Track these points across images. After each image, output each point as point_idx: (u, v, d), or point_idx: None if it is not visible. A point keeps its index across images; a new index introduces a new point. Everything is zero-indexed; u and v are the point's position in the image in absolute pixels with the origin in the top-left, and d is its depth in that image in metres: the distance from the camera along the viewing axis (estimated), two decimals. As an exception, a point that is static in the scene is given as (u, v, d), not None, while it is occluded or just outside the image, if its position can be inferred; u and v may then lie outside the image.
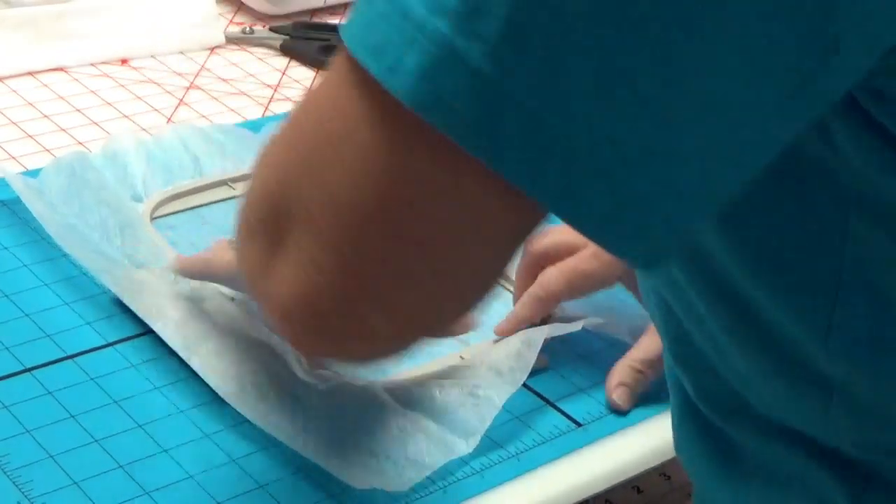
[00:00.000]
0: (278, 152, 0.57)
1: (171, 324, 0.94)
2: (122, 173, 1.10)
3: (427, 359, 0.93)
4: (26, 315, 0.98)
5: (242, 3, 1.51)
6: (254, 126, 1.23)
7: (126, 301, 0.97)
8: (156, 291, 0.97)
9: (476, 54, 0.49)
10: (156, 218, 1.08)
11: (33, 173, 1.11)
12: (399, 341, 0.58)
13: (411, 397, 0.89)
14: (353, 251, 0.53)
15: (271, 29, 1.45)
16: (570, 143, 0.50)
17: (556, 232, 0.99)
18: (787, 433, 0.66)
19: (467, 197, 0.52)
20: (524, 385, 0.91)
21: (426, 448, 0.85)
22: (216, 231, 1.08)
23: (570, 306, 1.00)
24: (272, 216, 0.56)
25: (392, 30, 0.50)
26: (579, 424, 0.93)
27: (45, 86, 1.31)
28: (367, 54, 0.51)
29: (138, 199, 1.09)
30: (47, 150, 1.19)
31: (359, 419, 0.87)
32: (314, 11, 1.52)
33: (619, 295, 0.99)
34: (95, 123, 1.25)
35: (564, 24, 0.48)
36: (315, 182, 0.54)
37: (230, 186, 1.14)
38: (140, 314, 0.96)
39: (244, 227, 0.59)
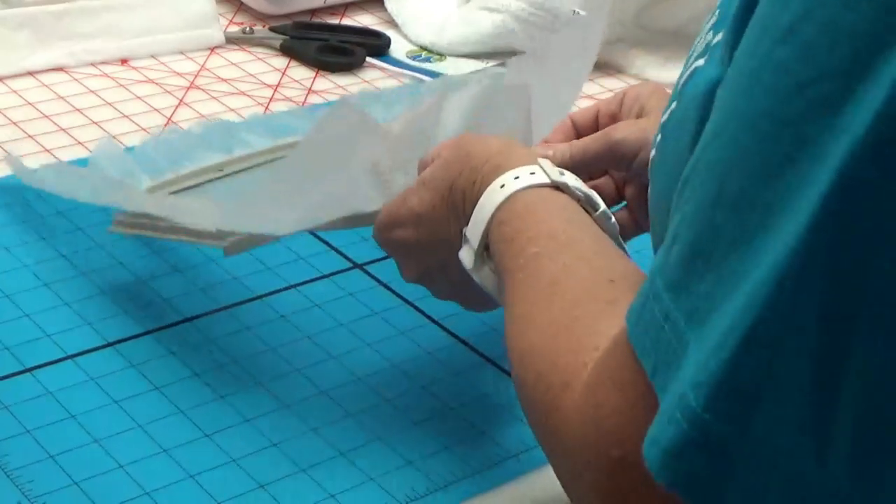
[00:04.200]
0: None
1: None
2: (119, 174, 1.10)
3: None
4: (26, 315, 0.98)
5: (242, 3, 1.51)
6: (254, 126, 1.22)
7: (139, 209, 0.98)
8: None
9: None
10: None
11: (33, 173, 1.11)
12: None
13: None
14: None
15: (271, 29, 1.45)
16: None
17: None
18: None
19: None
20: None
21: None
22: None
23: None
24: None
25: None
26: (579, 424, 0.93)
27: (45, 86, 1.31)
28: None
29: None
30: (47, 151, 1.19)
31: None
32: (314, 11, 1.52)
33: None
34: (95, 123, 1.25)
35: None
36: None
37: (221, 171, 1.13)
38: (149, 210, 0.97)
39: None
